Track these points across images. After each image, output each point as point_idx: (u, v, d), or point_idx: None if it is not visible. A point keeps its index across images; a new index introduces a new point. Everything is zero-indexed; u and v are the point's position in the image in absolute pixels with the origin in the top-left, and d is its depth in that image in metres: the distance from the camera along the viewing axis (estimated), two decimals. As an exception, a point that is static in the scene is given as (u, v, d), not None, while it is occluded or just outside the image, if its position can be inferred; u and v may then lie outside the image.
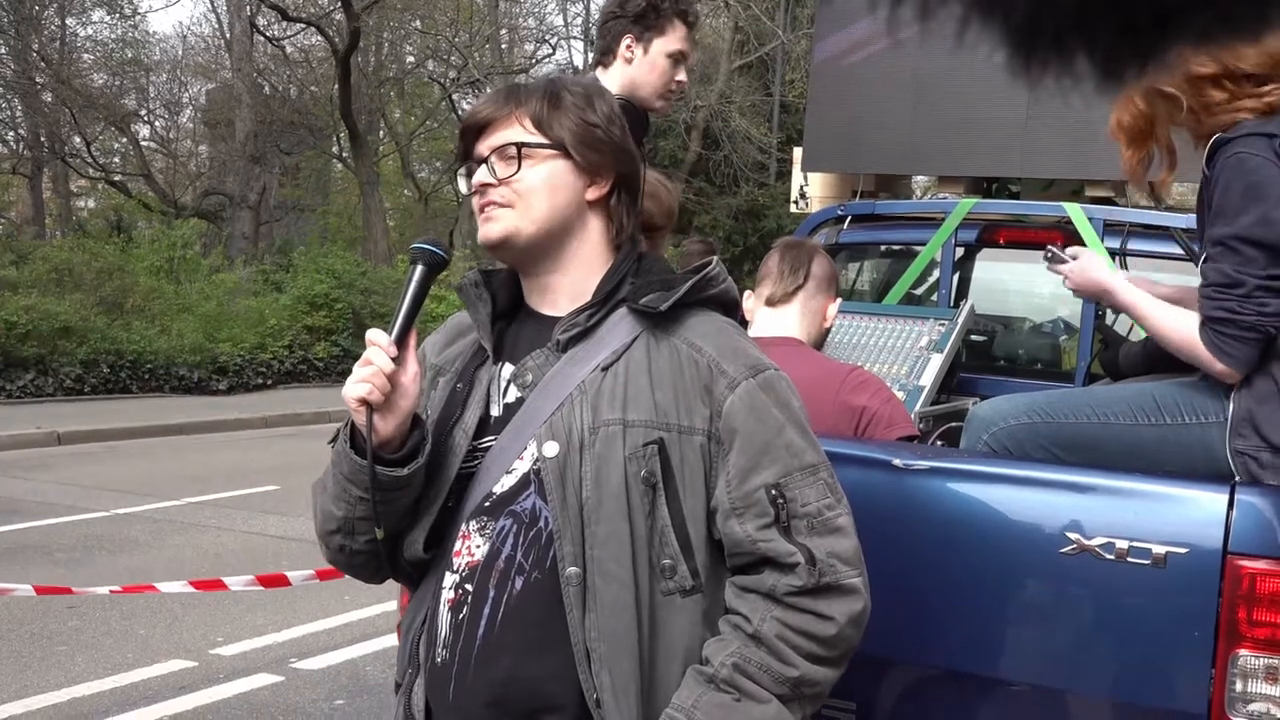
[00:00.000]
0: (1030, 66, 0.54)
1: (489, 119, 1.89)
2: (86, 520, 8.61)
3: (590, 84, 1.98)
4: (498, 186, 1.86)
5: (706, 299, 1.89)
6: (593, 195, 1.89)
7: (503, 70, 28.68)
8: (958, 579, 2.38)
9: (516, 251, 1.88)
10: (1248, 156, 2.37)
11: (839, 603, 1.77)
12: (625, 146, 1.91)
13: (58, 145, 27.43)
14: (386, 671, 5.56)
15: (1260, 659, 2.08)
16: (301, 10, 27.65)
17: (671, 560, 1.78)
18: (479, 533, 1.84)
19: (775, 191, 26.12)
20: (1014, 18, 0.53)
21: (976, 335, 4.28)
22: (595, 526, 1.76)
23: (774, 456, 1.79)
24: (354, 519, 1.89)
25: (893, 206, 4.60)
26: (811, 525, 1.78)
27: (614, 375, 1.82)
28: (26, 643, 5.83)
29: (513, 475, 1.84)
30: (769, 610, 1.76)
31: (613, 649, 1.75)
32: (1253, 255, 2.34)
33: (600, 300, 1.88)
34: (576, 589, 1.76)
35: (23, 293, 15.39)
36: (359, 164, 26.45)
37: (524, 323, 1.95)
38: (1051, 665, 2.29)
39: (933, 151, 4.68)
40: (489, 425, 1.90)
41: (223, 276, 20.48)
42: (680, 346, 1.83)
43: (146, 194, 29.26)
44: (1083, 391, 2.64)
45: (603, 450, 1.78)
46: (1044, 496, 2.32)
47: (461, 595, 1.83)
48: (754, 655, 1.75)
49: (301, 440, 13.31)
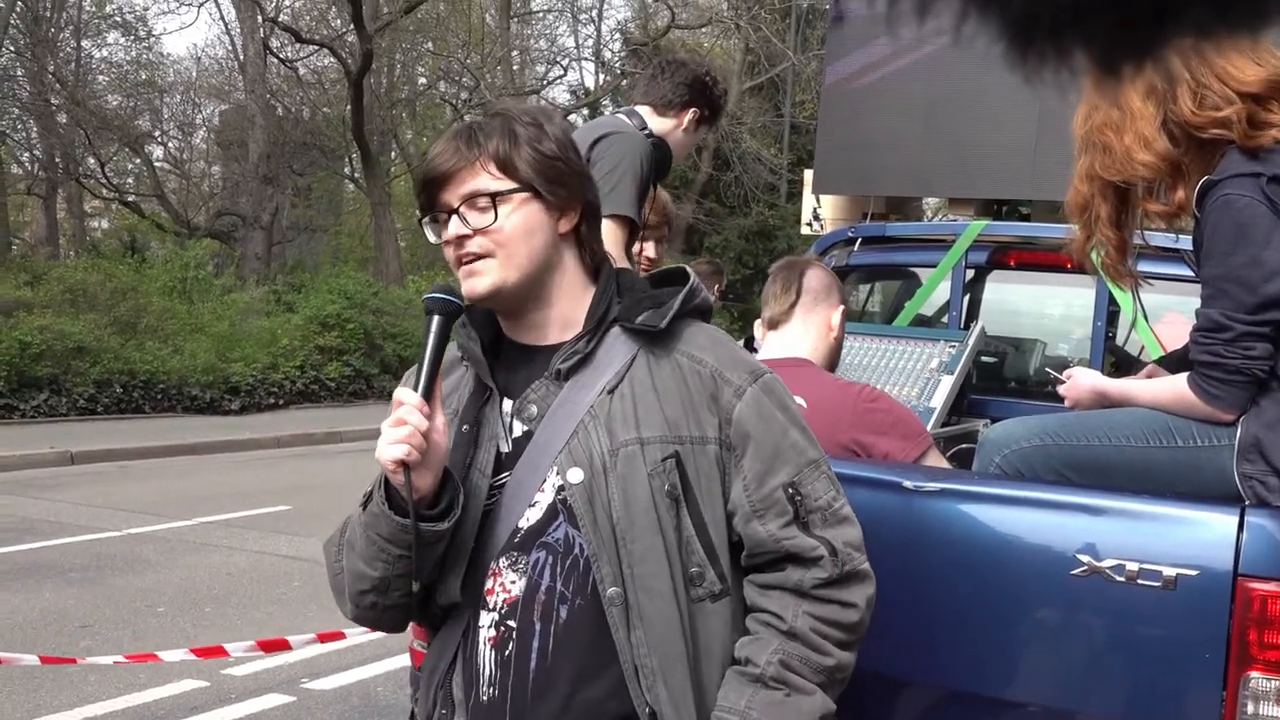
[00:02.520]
0: (1027, 60, 0.54)
1: (453, 169, 1.86)
2: (99, 540, 8.63)
3: (535, 109, 1.98)
4: (474, 237, 1.85)
5: (691, 310, 1.93)
6: (565, 228, 1.90)
7: (514, 91, 28.75)
8: (969, 600, 2.38)
9: (506, 299, 1.89)
10: (1235, 198, 2.37)
11: (858, 588, 1.86)
12: (584, 172, 1.94)
13: (72, 166, 27.55)
14: (397, 692, 5.56)
15: (1271, 681, 2.08)
16: (314, 32, 27.80)
17: (699, 567, 1.82)
18: (511, 569, 1.84)
19: (786, 212, 26.15)
20: (1011, 11, 0.53)
21: (987, 357, 4.29)
22: (631, 545, 1.79)
23: (785, 457, 1.85)
24: (390, 577, 1.87)
25: (903, 229, 4.61)
26: (825, 518, 1.86)
27: (621, 396, 1.84)
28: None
29: (537, 508, 1.85)
30: (799, 605, 1.83)
31: (664, 661, 1.79)
32: (1241, 298, 2.34)
33: (594, 326, 1.89)
34: (620, 608, 1.79)
35: (37, 313, 15.45)
36: (371, 185, 26.53)
37: (514, 357, 1.95)
38: (1062, 687, 2.29)
39: (943, 174, 4.70)
40: (501, 462, 1.90)
41: (235, 297, 20.54)
42: (681, 360, 1.87)
43: (160, 214, 29.38)
44: (1095, 414, 2.64)
45: (625, 470, 1.80)
46: (1055, 518, 2.32)
47: (505, 633, 1.83)
48: (794, 650, 1.81)
49: (313, 460, 13.34)
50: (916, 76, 4.66)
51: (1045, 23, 0.53)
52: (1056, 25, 0.53)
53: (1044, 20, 0.53)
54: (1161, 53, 0.54)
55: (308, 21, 28.92)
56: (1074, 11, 0.53)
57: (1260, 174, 2.37)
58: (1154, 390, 2.56)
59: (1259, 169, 2.38)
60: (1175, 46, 0.53)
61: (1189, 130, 2.48)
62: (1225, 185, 2.40)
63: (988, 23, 0.54)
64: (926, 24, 0.55)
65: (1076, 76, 0.55)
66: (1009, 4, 0.53)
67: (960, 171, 4.60)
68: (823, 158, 5.18)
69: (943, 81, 4.53)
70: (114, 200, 30.30)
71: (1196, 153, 2.50)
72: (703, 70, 3.60)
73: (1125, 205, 2.63)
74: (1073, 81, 0.55)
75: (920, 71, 4.61)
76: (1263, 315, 2.34)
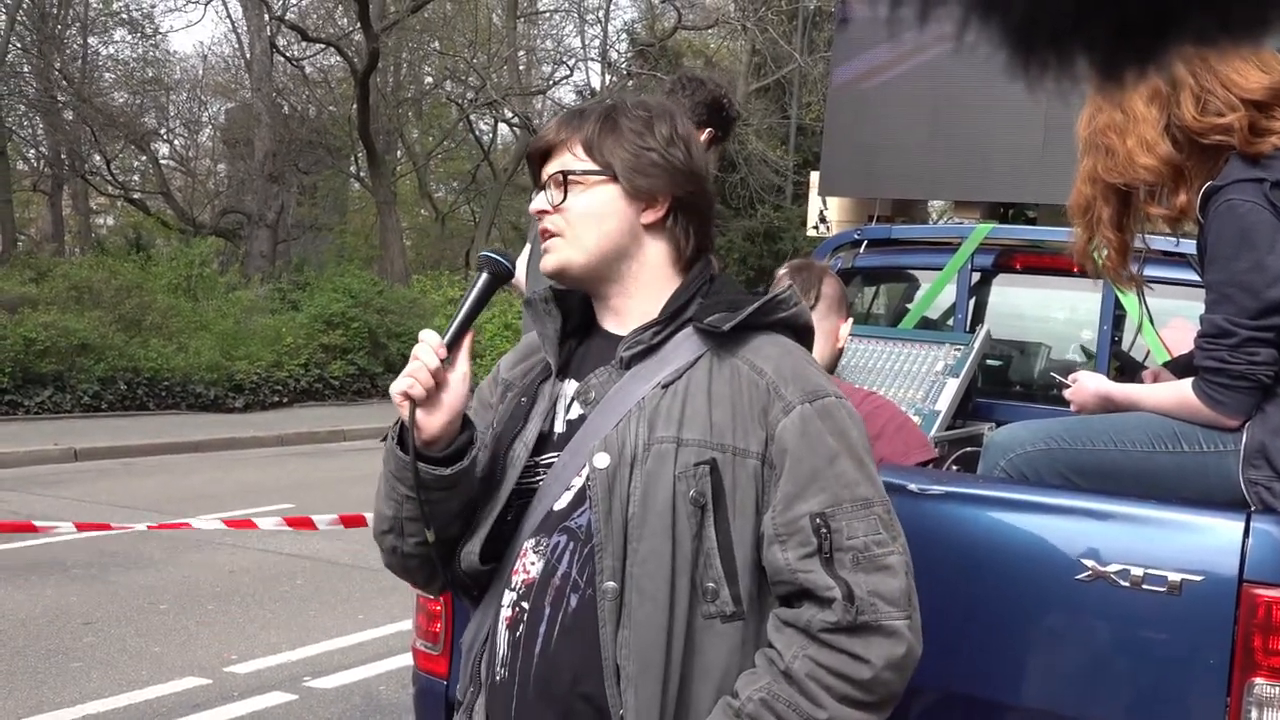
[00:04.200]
0: (1029, 68, 0.54)
1: (549, 145, 1.91)
2: (103, 536, 8.62)
3: (657, 105, 1.97)
4: (551, 214, 1.88)
5: (776, 322, 1.87)
6: (648, 219, 1.88)
7: (520, 91, 28.78)
8: (973, 604, 2.38)
9: (573, 279, 1.90)
10: (1239, 203, 2.37)
11: (877, 644, 1.71)
12: (685, 168, 1.89)
13: (78, 163, 27.60)
14: (400, 691, 5.56)
15: (1275, 687, 2.08)
16: (321, 31, 27.83)
17: (714, 584, 1.75)
18: (534, 550, 1.84)
19: (791, 214, 26.15)
20: (1012, 18, 0.53)
21: (992, 360, 4.28)
22: (637, 544, 1.76)
23: (822, 485, 1.75)
24: (402, 519, 1.89)
25: (909, 231, 4.61)
26: (857, 560, 1.73)
27: (673, 393, 1.81)
28: (41, 659, 5.85)
29: (571, 491, 1.84)
30: (803, 647, 1.71)
31: (640, 668, 1.74)
32: (1245, 303, 2.34)
33: (666, 318, 1.87)
34: (612, 604, 1.75)
35: (42, 309, 15.46)
36: (376, 183, 26.55)
37: (593, 341, 1.95)
38: (1066, 692, 2.28)
39: (949, 176, 4.69)
40: (551, 441, 1.90)
41: (240, 294, 20.57)
42: (741, 367, 1.81)
43: (165, 212, 29.42)
44: (1100, 419, 2.64)
45: (653, 467, 1.77)
46: (1060, 523, 2.32)
47: (518, 613, 1.83)
48: (783, 692, 1.71)
49: (317, 459, 13.35)
50: (923, 79, 4.65)
51: (1046, 30, 0.53)
52: (1058, 33, 0.53)
53: (1045, 28, 0.53)
54: (1163, 60, 0.54)
55: (314, 20, 28.95)
56: (1075, 19, 0.53)
57: (1264, 179, 2.37)
58: (1159, 395, 2.56)
59: (1262, 174, 2.38)
60: (1177, 54, 0.53)
61: (1191, 135, 2.48)
62: (1229, 190, 2.40)
63: (989, 30, 0.53)
64: (928, 30, 0.55)
65: (1078, 84, 0.54)
66: (1010, 11, 0.53)
67: (967, 174, 4.60)
68: (829, 160, 5.18)
69: (950, 84, 4.52)
70: (119, 197, 30.34)
71: (1199, 157, 2.50)
72: (721, 92, 3.63)
73: (1127, 208, 2.63)
74: (1075, 89, 0.55)
75: (927, 74, 4.61)
76: (1267, 320, 2.33)
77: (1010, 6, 0.53)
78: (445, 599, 2.86)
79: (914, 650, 1.75)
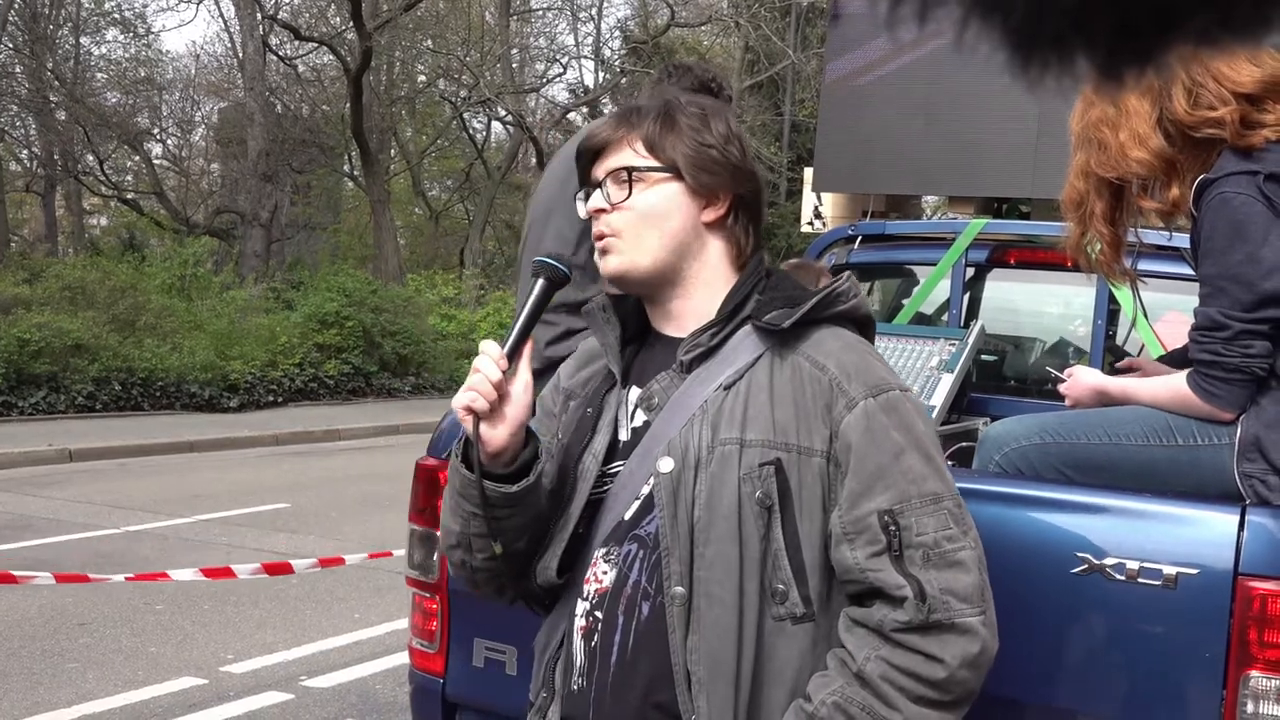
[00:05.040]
0: (1029, 68, 0.54)
1: (604, 142, 1.88)
2: (98, 537, 8.63)
3: (710, 103, 1.96)
4: (610, 212, 1.85)
5: (836, 315, 1.84)
6: (709, 217, 1.86)
7: (513, 89, 28.77)
8: (968, 599, 2.38)
9: (635, 283, 1.87)
10: (1232, 195, 2.37)
11: (951, 643, 1.69)
12: (743, 166, 1.88)
13: (71, 163, 27.56)
14: (396, 690, 5.56)
15: (1271, 680, 2.08)
16: (314, 30, 27.79)
17: (784, 585, 1.73)
18: (605, 559, 1.82)
19: (785, 211, 26.13)
20: (1013, 18, 0.53)
21: (987, 355, 4.28)
22: (704, 548, 1.73)
23: (889, 481, 1.71)
24: (469, 534, 1.86)
25: (903, 227, 4.61)
26: (927, 556, 1.70)
27: (735, 393, 1.79)
28: (37, 659, 5.84)
29: (639, 500, 1.82)
30: (875, 648, 1.69)
31: (711, 673, 1.72)
32: (1239, 296, 2.34)
33: (724, 319, 1.85)
34: (681, 609, 1.73)
35: (35, 310, 15.45)
36: (370, 182, 26.53)
37: (652, 346, 1.93)
38: (1061, 685, 2.29)
39: (943, 172, 4.70)
40: (617, 450, 1.88)
41: (234, 294, 20.56)
42: (803, 364, 1.78)
43: (159, 212, 29.39)
44: (1095, 412, 2.64)
45: (718, 470, 1.75)
46: (1055, 517, 2.32)
47: (592, 623, 1.82)
48: (856, 695, 1.68)
49: (312, 458, 13.33)
50: (917, 75, 4.66)
51: (1047, 30, 0.53)
52: (1059, 33, 0.53)
53: (1046, 28, 0.53)
54: (1164, 59, 0.53)
55: (307, 19, 28.90)
56: (1076, 19, 0.52)
57: (1257, 171, 2.37)
58: (1154, 389, 2.56)
59: (1255, 167, 2.38)
60: (1178, 53, 0.53)
61: (1183, 129, 2.48)
62: (1222, 183, 2.40)
63: (989, 30, 0.53)
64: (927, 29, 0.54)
65: (1078, 83, 0.54)
66: (1011, 11, 0.52)
67: (961, 169, 4.60)
68: (822, 156, 5.18)
69: (943, 80, 4.53)
70: (113, 198, 30.31)
71: (1191, 151, 2.50)
72: (708, 76, 3.60)
73: (1120, 202, 2.63)
74: (1075, 88, 0.55)
75: (921, 70, 4.61)
76: (1261, 313, 2.33)
77: (1011, 6, 0.52)
78: (441, 598, 2.86)
79: (989, 647, 1.73)
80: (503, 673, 2.79)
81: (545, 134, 28.24)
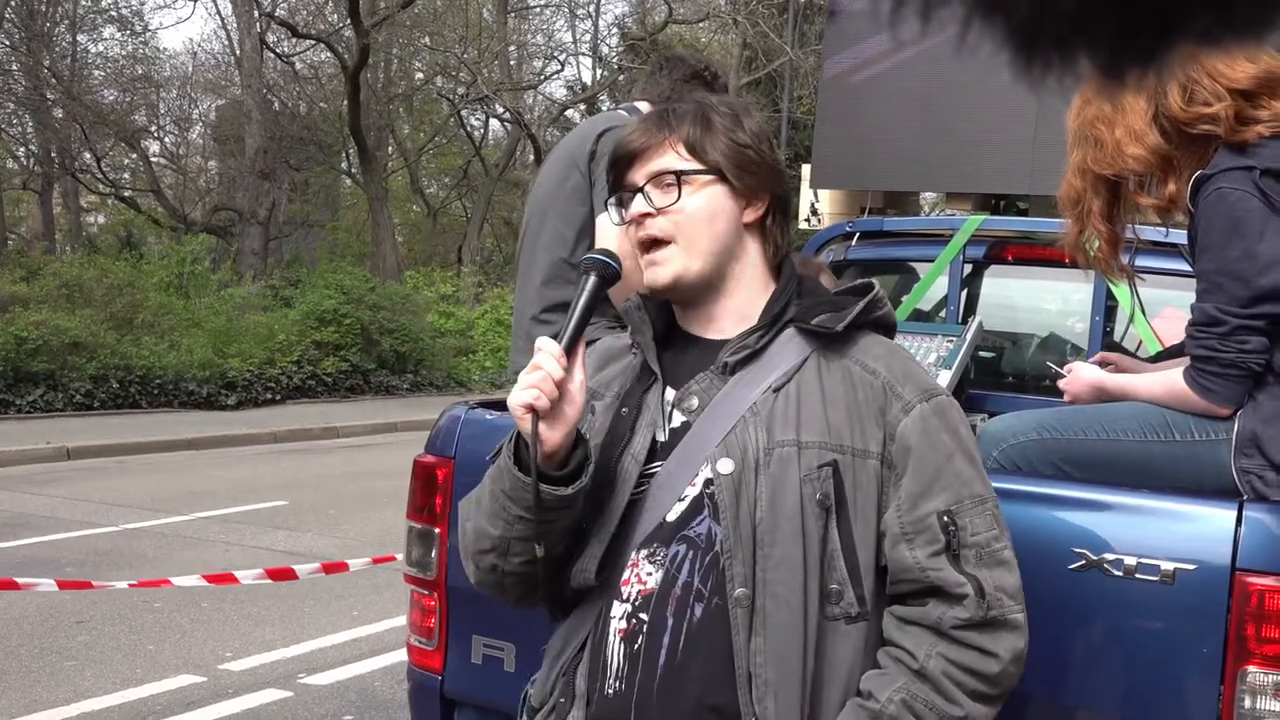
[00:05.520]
0: (1032, 67, 0.54)
1: (642, 147, 1.87)
2: (96, 535, 8.62)
3: (737, 103, 1.96)
4: (656, 217, 1.83)
5: (871, 321, 1.86)
6: (750, 217, 1.87)
7: (511, 87, 28.76)
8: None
9: (687, 288, 1.86)
10: (1228, 191, 2.37)
11: (1004, 638, 1.75)
12: (778, 166, 1.89)
13: (68, 161, 27.55)
14: (395, 687, 5.56)
15: (1268, 675, 2.08)
16: (311, 27, 27.78)
17: (839, 585, 1.75)
18: (649, 560, 1.80)
19: (783, 207, 26.13)
20: (1015, 18, 0.53)
21: (984, 351, 4.28)
22: (769, 549, 1.73)
23: (945, 483, 1.76)
24: (510, 539, 1.82)
25: (901, 223, 4.61)
26: (980, 556, 1.75)
27: (785, 396, 1.79)
28: (35, 657, 5.84)
29: (685, 501, 1.80)
30: (934, 645, 1.73)
31: (780, 675, 1.72)
32: (1236, 291, 2.34)
33: (768, 322, 1.85)
34: (745, 611, 1.73)
35: (33, 308, 15.43)
36: (368, 180, 26.53)
37: (682, 347, 1.92)
38: (1059, 681, 2.29)
39: (941, 168, 4.70)
40: (655, 451, 1.86)
41: (232, 292, 20.55)
42: (853, 368, 1.80)
43: (156, 210, 29.38)
44: (1092, 408, 2.65)
45: (778, 471, 1.75)
46: (1053, 513, 2.32)
47: (636, 625, 1.79)
48: (920, 692, 1.72)
49: (310, 455, 13.33)
50: (914, 71, 4.66)
51: (1049, 31, 0.53)
52: (1060, 33, 0.53)
53: (1048, 28, 0.53)
54: (1166, 59, 0.54)
55: (304, 16, 28.89)
56: (1078, 20, 0.52)
57: (1253, 167, 2.38)
58: (1151, 384, 2.56)
59: (1252, 162, 2.38)
60: (1180, 53, 0.53)
61: (1178, 125, 2.48)
62: (1218, 179, 2.40)
63: (992, 29, 0.53)
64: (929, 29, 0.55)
65: (1081, 82, 0.54)
66: (1013, 11, 0.53)
67: (958, 166, 4.60)
68: (820, 152, 5.18)
69: (941, 76, 4.52)
70: (110, 195, 30.31)
71: (1187, 147, 2.50)
72: (701, 66, 3.59)
73: (1117, 199, 2.64)
74: (1077, 87, 0.55)
75: (918, 66, 4.61)
76: (1257, 309, 2.34)
77: (1013, 6, 0.52)
78: (439, 594, 2.86)
79: (1027, 642, 1.78)
80: (501, 669, 2.79)
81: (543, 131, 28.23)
